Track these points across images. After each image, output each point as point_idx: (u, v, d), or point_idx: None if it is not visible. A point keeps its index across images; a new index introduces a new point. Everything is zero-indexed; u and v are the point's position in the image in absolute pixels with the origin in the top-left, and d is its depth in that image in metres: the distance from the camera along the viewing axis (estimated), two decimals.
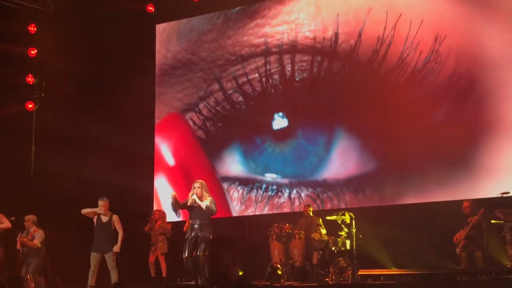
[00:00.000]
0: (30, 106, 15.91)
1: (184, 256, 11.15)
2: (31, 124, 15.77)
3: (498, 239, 11.46)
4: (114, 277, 11.90)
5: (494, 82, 12.63)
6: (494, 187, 12.23)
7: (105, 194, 12.17)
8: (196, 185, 11.48)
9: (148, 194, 15.91)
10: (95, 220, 12.05)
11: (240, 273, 4.48)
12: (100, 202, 12.10)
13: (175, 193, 11.67)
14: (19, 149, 15.40)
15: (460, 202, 12.12)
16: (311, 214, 13.18)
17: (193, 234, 11.24)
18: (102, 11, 15.58)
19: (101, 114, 15.88)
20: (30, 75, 15.83)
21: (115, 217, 12.17)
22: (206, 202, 11.30)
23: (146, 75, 16.38)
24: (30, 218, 12.79)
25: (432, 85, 13.17)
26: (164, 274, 13.96)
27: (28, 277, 12.30)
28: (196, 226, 11.26)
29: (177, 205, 11.50)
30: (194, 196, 11.34)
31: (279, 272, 12.20)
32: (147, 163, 16.06)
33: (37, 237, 12.66)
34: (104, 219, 12.06)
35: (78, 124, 15.72)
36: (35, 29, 15.85)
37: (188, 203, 11.44)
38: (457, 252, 11.75)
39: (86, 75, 15.80)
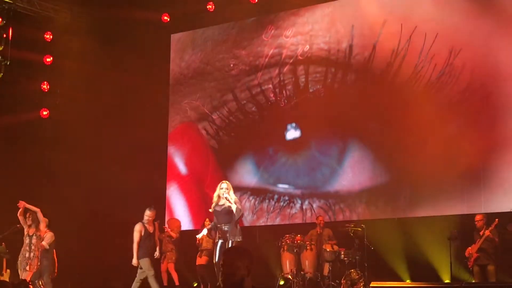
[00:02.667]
0: (45, 113, 15.99)
1: (214, 262, 10.66)
2: (46, 131, 15.85)
3: (510, 254, 11.42)
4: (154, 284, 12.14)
5: (508, 97, 12.60)
6: (506, 201, 12.20)
7: (152, 205, 12.30)
8: (224, 185, 10.72)
9: (161, 202, 15.94)
10: (143, 231, 12.11)
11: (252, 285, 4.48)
12: (148, 213, 12.18)
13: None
14: (33, 155, 15.47)
15: (473, 215, 12.08)
16: (322, 225, 13.16)
17: (222, 239, 10.51)
18: (118, 20, 15.70)
19: (115, 122, 15.96)
20: (45, 82, 15.92)
21: (156, 225, 12.52)
22: (235, 205, 10.56)
23: (160, 84, 16.47)
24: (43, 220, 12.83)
25: (446, 99, 13.15)
26: (176, 283, 13.94)
27: (40, 283, 12.36)
28: (225, 230, 10.53)
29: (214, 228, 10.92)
30: (226, 196, 10.57)
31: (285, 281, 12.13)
32: (160, 171, 16.12)
33: (46, 238, 12.69)
34: (151, 229, 12.24)
35: (92, 132, 15.82)
36: (51, 37, 15.94)
37: (218, 206, 10.70)
38: (469, 266, 11.69)
39: (100, 83, 15.91)
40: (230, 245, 10.33)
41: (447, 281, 12.06)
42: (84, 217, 13.89)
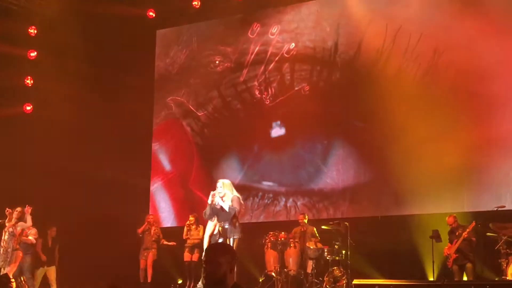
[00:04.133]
0: (28, 108, 15.91)
1: None
2: (29, 126, 15.75)
3: (493, 252, 11.49)
4: None
5: (491, 97, 12.69)
6: (489, 200, 12.29)
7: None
8: (218, 184, 10.88)
9: (145, 198, 15.94)
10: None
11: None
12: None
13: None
14: (16, 150, 15.38)
15: (457, 214, 12.13)
16: (306, 222, 13.18)
17: (223, 237, 10.59)
18: (103, 15, 15.61)
19: (99, 118, 15.89)
20: (29, 77, 15.83)
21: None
22: (228, 202, 10.69)
23: (145, 80, 16.42)
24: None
25: (431, 98, 13.22)
26: (149, 279, 13.97)
27: (22, 279, 12.31)
28: (225, 228, 10.66)
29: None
30: (217, 199, 10.71)
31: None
32: (144, 167, 16.10)
33: (32, 233, 12.64)
34: None
35: (76, 127, 15.73)
36: (35, 31, 15.85)
37: (210, 205, 10.83)
38: (449, 266, 11.77)
39: (85, 78, 15.81)
40: (231, 243, 10.39)
41: (430, 279, 12.14)
42: (67, 213, 13.81)
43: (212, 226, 10.90)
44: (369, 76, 13.93)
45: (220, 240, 10.49)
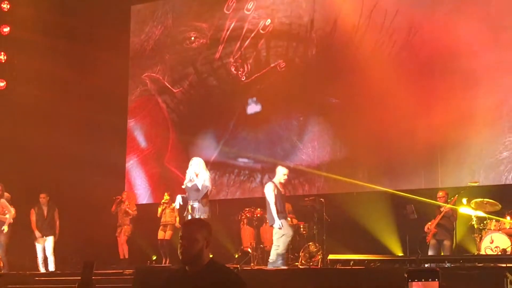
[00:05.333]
0: (1, 84, 15.71)
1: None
2: (2, 102, 15.57)
3: (467, 228, 11.64)
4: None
5: (466, 74, 12.77)
6: (463, 176, 12.41)
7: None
8: (192, 162, 11.01)
9: (120, 175, 15.88)
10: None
11: (210, 256, 4.51)
12: (286, 171, 11.40)
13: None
14: None
15: (431, 190, 12.25)
16: None
17: (189, 216, 10.77)
18: None
19: (73, 94, 15.78)
20: (2, 52, 15.62)
21: None
22: (200, 181, 10.83)
23: (120, 56, 16.28)
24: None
25: (405, 75, 13.28)
26: (126, 256, 14.02)
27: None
28: (194, 206, 10.82)
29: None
30: (193, 173, 10.84)
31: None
32: (120, 144, 16.03)
33: (11, 213, 12.62)
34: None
35: (50, 104, 15.58)
36: (8, 6, 15.61)
37: (189, 182, 10.95)
38: (427, 241, 11.84)
39: (59, 54, 15.65)
40: None
41: (400, 254, 12.28)
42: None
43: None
44: (344, 53, 13.94)
45: (190, 218, 10.56)
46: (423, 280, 3.78)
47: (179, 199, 11.45)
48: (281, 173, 11.27)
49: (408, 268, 3.89)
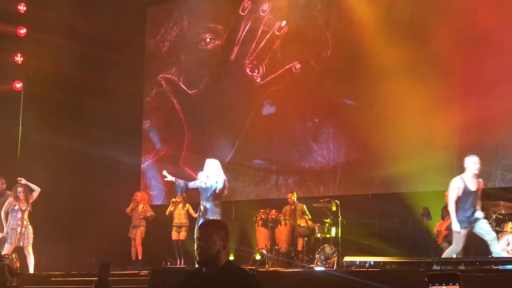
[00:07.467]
0: (18, 85, 15.79)
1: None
2: (19, 103, 15.66)
3: None
4: None
5: (483, 75, 12.67)
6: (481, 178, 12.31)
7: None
8: (206, 163, 10.91)
9: (136, 176, 15.93)
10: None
11: (231, 257, 4.50)
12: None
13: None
14: (6, 127, 15.30)
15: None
16: (295, 200, 13.16)
17: (202, 217, 10.68)
18: None
19: (89, 95, 15.82)
20: (18, 54, 15.71)
21: None
22: (214, 182, 10.74)
23: (136, 58, 16.33)
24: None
25: (423, 77, 13.17)
26: (140, 257, 14.05)
27: (14, 256, 12.27)
28: (204, 208, 10.76)
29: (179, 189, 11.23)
30: (207, 174, 10.79)
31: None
32: (135, 145, 16.07)
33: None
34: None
35: (66, 105, 15.65)
36: (25, 8, 15.69)
37: (196, 184, 10.96)
38: (439, 242, 11.80)
39: (75, 55, 15.69)
40: None
41: (420, 256, 12.20)
42: (58, 192, 13.76)
43: None
44: (360, 54, 13.87)
45: (201, 219, 10.54)
46: (443, 284, 3.75)
47: (168, 175, 11.34)
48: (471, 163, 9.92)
49: (428, 272, 3.85)
